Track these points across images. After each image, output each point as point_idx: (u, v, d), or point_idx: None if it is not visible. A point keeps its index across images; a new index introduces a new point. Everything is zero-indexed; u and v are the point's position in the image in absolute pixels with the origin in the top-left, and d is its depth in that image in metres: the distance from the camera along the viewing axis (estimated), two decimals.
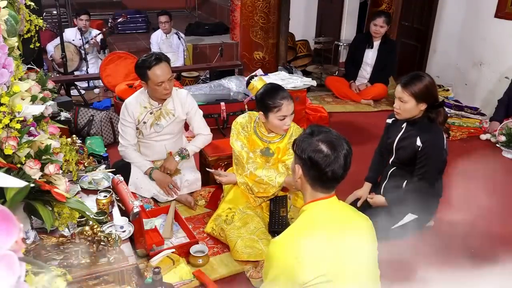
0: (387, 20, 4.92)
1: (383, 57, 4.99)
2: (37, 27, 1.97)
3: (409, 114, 2.46)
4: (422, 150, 2.43)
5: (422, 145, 2.43)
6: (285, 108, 2.44)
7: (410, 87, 2.39)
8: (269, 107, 2.45)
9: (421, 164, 2.46)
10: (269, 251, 1.52)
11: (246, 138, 2.64)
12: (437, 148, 2.44)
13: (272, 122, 2.50)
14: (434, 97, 2.45)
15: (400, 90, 2.43)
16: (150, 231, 2.44)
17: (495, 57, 4.53)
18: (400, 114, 2.49)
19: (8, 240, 0.65)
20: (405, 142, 2.52)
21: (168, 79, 2.68)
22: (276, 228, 2.47)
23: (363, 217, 1.64)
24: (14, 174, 1.33)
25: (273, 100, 2.44)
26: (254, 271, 2.33)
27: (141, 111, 2.79)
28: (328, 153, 1.49)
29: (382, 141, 2.77)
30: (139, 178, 2.84)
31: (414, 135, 2.47)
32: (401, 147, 2.55)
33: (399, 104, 2.45)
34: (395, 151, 2.59)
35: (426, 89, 2.39)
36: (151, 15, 7.20)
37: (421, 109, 2.43)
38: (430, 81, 2.42)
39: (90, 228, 1.65)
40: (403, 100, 2.42)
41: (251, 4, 4.44)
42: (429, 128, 2.45)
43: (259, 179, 2.53)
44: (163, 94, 2.73)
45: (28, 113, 1.43)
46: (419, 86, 2.38)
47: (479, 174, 3.52)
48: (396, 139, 2.58)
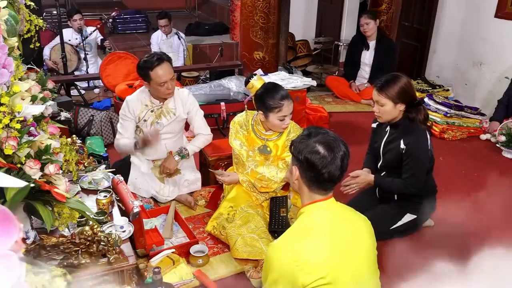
0: (370, 15, 4.91)
1: (380, 56, 4.98)
2: (37, 27, 1.97)
3: (389, 116, 2.46)
4: (406, 153, 2.43)
5: (405, 147, 2.43)
6: (285, 108, 2.46)
7: (385, 89, 2.40)
8: (270, 107, 2.46)
9: (407, 167, 2.45)
10: (268, 254, 1.52)
11: (245, 137, 2.65)
12: (421, 150, 2.43)
13: (272, 122, 2.51)
14: (412, 96, 2.44)
15: (376, 94, 2.44)
16: (150, 231, 2.44)
17: (495, 57, 4.53)
18: (381, 118, 2.49)
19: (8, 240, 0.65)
20: (390, 146, 2.52)
21: (170, 78, 2.69)
22: (276, 228, 2.48)
23: (361, 217, 1.64)
24: (14, 174, 1.33)
25: (273, 100, 2.45)
26: (254, 271, 2.33)
27: (142, 109, 2.80)
28: (324, 154, 1.50)
29: (371, 146, 2.77)
30: (138, 178, 2.84)
31: (398, 138, 2.47)
32: (388, 151, 2.55)
33: (377, 107, 2.46)
34: (382, 155, 2.59)
35: (401, 90, 2.38)
36: (151, 15, 7.20)
37: (400, 109, 2.43)
38: (405, 81, 2.41)
39: (90, 228, 1.65)
40: (380, 103, 2.43)
41: (251, 4, 4.44)
42: (411, 129, 2.44)
43: (260, 176, 2.55)
44: (165, 94, 2.74)
45: (28, 113, 1.43)
46: (395, 88, 2.38)
47: (479, 174, 3.52)
48: (382, 143, 2.58)
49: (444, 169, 3.45)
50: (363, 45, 5.06)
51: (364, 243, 1.57)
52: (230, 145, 2.67)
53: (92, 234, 1.64)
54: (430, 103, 4.30)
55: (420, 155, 2.43)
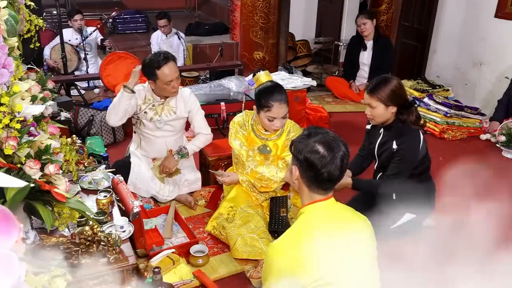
0: (367, 15, 4.93)
1: (378, 56, 4.99)
2: (37, 27, 1.97)
3: (382, 119, 2.47)
4: (396, 152, 2.45)
5: (397, 147, 2.44)
6: (275, 110, 2.45)
7: (376, 92, 2.40)
8: (261, 105, 2.49)
9: (394, 164, 2.46)
10: (268, 254, 1.52)
11: (245, 137, 2.65)
12: (412, 151, 2.44)
13: (261, 120, 2.54)
14: (403, 98, 2.44)
15: (367, 97, 2.45)
16: (150, 231, 2.44)
17: (495, 57, 4.53)
18: (373, 120, 2.50)
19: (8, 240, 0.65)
20: (384, 147, 2.53)
21: (176, 77, 2.71)
22: (276, 228, 2.48)
23: (361, 217, 1.64)
24: (14, 174, 1.33)
25: (266, 99, 2.46)
26: (254, 271, 2.33)
27: (144, 101, 2.82)
28: (324, 154, 1.50)
29: (364, 146, 2.78)
30: (138, 178, 2.84)
31: (391, 139, 2.48)
32: (382, 153, 2.56)
33: (369, 110, 2.47)
34: (378, 157, 2.61)
35: (392, 93, 2.38)
36: (151, 15, 7.19)
37: (392, 112, 2.43)
38: (396, 84, 2.41)
39: (90, 228, 1.65)
40: (372, 106, 2.43)
41: (251, 4, 4.44)
42: (404, 131, 2.44)
43: (260, 175, 2.56)
44: (171, 93, 2.76)
45: (28, 113, 1.43)
46: (385, 90, 2.38)
47: (479, 174, 3.52)
48: (376, 145, 2.60)
49: (444, 169, 3.44)
50: (361, 45, 5.07)
51: (364, 243, 1.57)
52: (230, 145, 2.68)
53: (92, 234, 1.64)
54: (430, 103, 4.30)
55: (409, 155, 2.44)
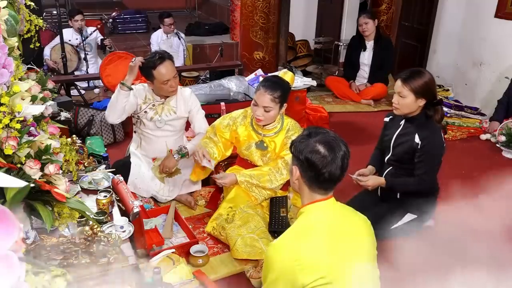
0: (369, 15, 4.94)
1: (379, 56, 5.00)
2: (37, 27, 1.97)
3: (407, 110, 2.45)
4: (421, 148, 2.43)
5: (421, 142, 2.42)
6: (258, 95, 2.53)
7: (410, 82, 2.39)
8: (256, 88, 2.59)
9: (420, 163, 2.45)
10: (267, 254, 1.52)
11: (231, 130, 2.69)
12: (437, 146, 2.44)
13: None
14: (433, 94, 2.44)
15: (400, 85, 2.42)
16: (150, 231, 2.44)
17: (495, 57, 4.53)
18: (398, 110, 2.48)
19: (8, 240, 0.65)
20: (403, 139, 2.52)
21: (173, 76, 2.71)
22: (276, 228, 2.48)
23: (361, 217, 1.64)
24: (14, 174, 1.33)
25: (258, 85, 2.55)
26: (254, 271, 2.33)
27: (144, 100, 2.82)
28: (325, 154, 1.50)
29: (381, 140, 2.77)
30: (138, 178, 2.84)
31: (413, 132, 2.46)
32: (399, 144, 2.54)
33: (398, 99, 2.44)
34: (392, 148, 2.59)
35: (425, 85, 2.38)
36: (151, 15, 7.19)
37: (420, 105, 2.42)
38: (430, 77, 2.41)
39: (90, 228, 1.65)
40: (402, 94, 2.41)
41: (251, 4, 4.44)
42: (427, 125, 2.44)
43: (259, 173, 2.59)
44: (169, 92, 2.76)
45: (28, 113, 1.43)
46: (419, 81, 2.38)
47: (479, 174, 3.52)
48: (394, 136, 2.58)
49: (444, 169, 3.44)
50: (361, 46, 5.07)
51: (364, 243, 1.57)
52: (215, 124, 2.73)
53: (92, 234, 1.64)
54: None
55: (436, 151, 2.44)
